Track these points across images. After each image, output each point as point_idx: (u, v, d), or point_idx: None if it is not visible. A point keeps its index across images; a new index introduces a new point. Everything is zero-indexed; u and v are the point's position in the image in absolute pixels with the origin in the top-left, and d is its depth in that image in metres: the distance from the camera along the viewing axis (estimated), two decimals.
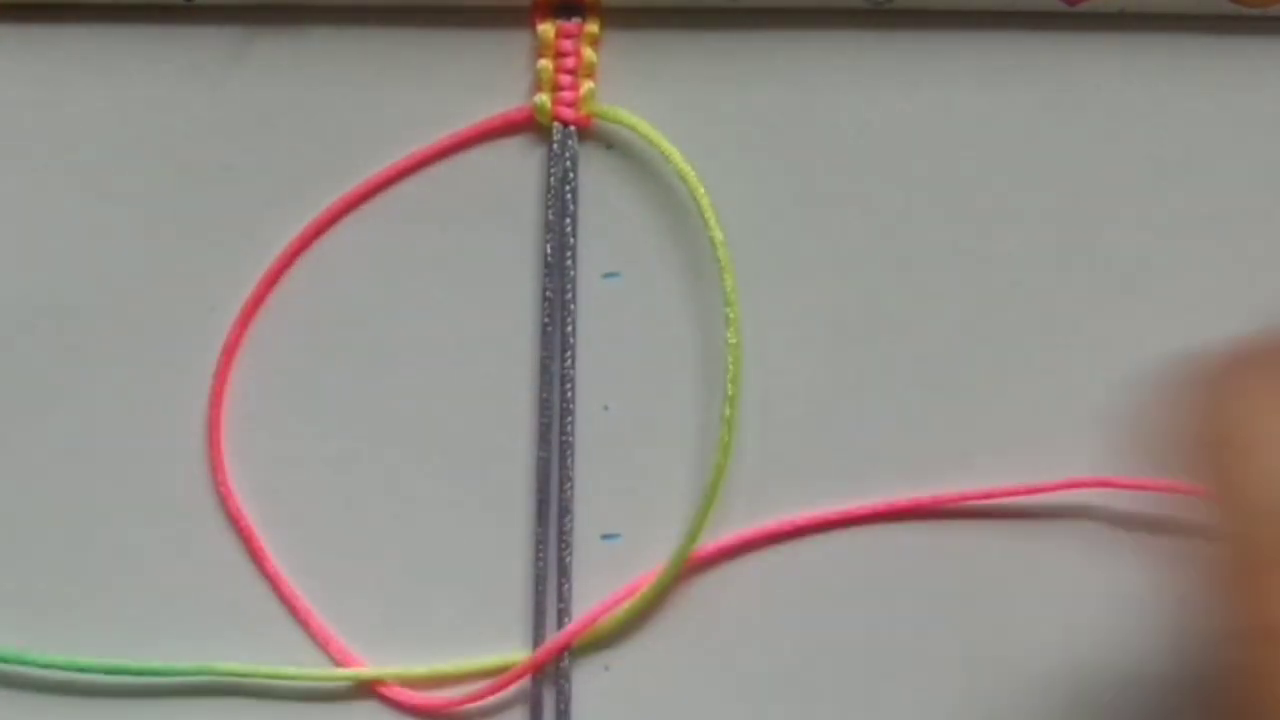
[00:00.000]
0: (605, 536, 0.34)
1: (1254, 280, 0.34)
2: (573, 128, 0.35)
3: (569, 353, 0.34)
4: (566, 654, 0.33)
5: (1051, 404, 0.34)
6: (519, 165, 0.35)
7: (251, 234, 0.35)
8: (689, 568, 0.33)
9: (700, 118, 0.35)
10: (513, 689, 0.33)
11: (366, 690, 0.33)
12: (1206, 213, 0.35)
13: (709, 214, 0.34)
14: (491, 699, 0.33)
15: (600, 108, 0.35)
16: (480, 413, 0.34)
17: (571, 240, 0.34)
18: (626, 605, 0.33)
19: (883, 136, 0.35)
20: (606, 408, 0.34)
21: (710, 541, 0.33)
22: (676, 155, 0.34)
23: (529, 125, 0.35)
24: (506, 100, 0.35)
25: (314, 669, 0.33)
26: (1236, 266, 0.34)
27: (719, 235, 0.34)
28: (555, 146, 0.35)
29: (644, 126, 0.34)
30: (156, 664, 0.33)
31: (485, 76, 0.35)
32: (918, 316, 0.34)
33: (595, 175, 0.35)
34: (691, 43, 0.35)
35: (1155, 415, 0.26)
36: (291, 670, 0.33)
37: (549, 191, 0.35)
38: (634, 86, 0.35)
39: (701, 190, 0.34)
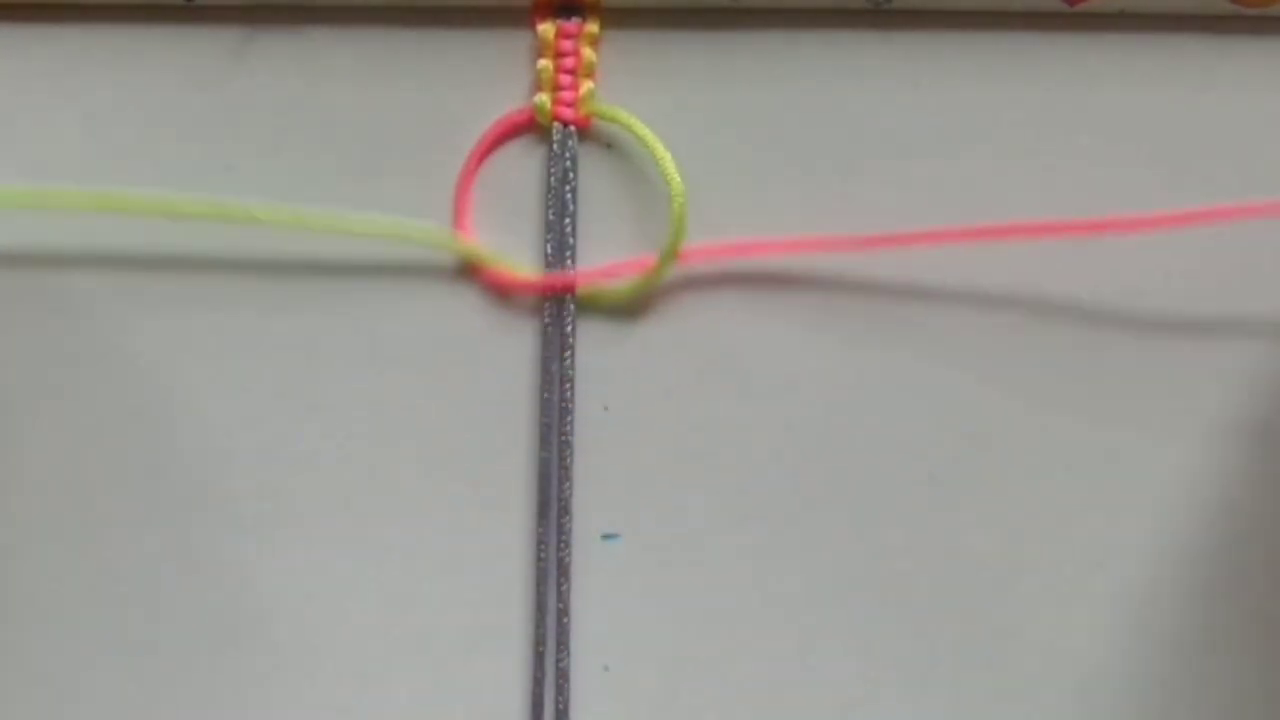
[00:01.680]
0: (605, 536, 0.34)
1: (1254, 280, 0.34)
2: (572, 128, 0.35)
3: (569, 352, 0.34)
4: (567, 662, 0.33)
5: (1049, 396, 0.34)
6: (519, 165, 0.35)
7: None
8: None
9: (700, 118, 0.35)
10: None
11: None
12: None
13: (678, 222, 0.34)
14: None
15: (600, 108, 0.35)
16: (480, 412, 0.34)
17: (571, 240, 0.34)
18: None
19: (883, 136, 0.35)
20: (606, 409, 0.34)
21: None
22: (667, 158, 0.34)
23: (529, 125, 0.35)
24: (506, 101, 0.35)
25: None
26: (1236, 266, 0.34)
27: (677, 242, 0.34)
28: (555, 146, 0.35)
29: (639, 128, 0.34)
30: None
31: (485, 76, 0.35)
32: (917, 314, 0.34)
33: (595, 175, 0.35)
34: (691, 43, 0.35)
35: None
36: None
37: (549, 191, 0.35)
38: (634, 86, 0.35)
39: (682, 200, 0.34)
